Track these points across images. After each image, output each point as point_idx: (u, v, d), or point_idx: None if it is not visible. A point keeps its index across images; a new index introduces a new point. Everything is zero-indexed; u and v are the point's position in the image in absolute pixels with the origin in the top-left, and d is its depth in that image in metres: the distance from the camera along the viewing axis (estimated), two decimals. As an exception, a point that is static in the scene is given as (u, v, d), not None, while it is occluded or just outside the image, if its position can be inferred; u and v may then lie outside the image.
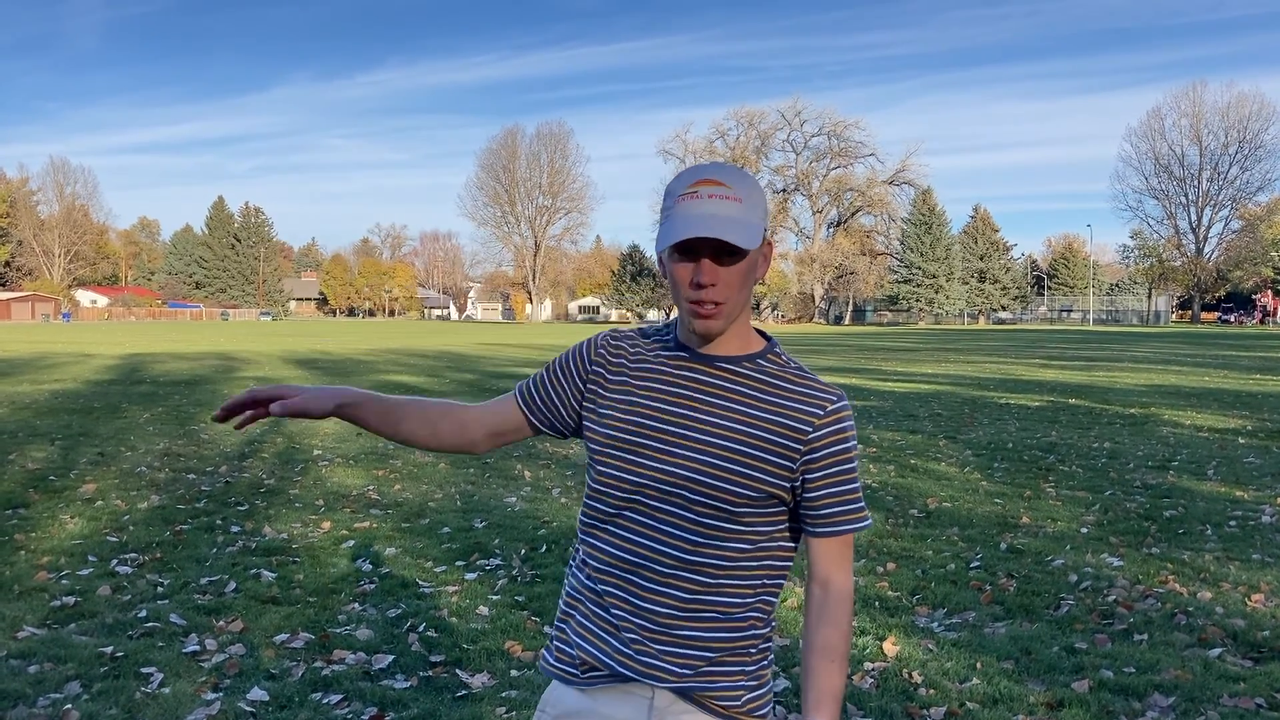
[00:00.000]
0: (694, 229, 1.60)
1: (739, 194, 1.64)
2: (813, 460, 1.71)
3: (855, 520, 1.75)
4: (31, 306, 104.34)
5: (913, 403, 15.92)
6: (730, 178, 1.66)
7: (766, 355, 1.77)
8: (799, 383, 1.74)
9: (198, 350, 34.56)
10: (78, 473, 9.16)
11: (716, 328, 1.69)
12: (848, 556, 1.76)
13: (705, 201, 1.63)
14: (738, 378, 1.74)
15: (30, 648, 4.59)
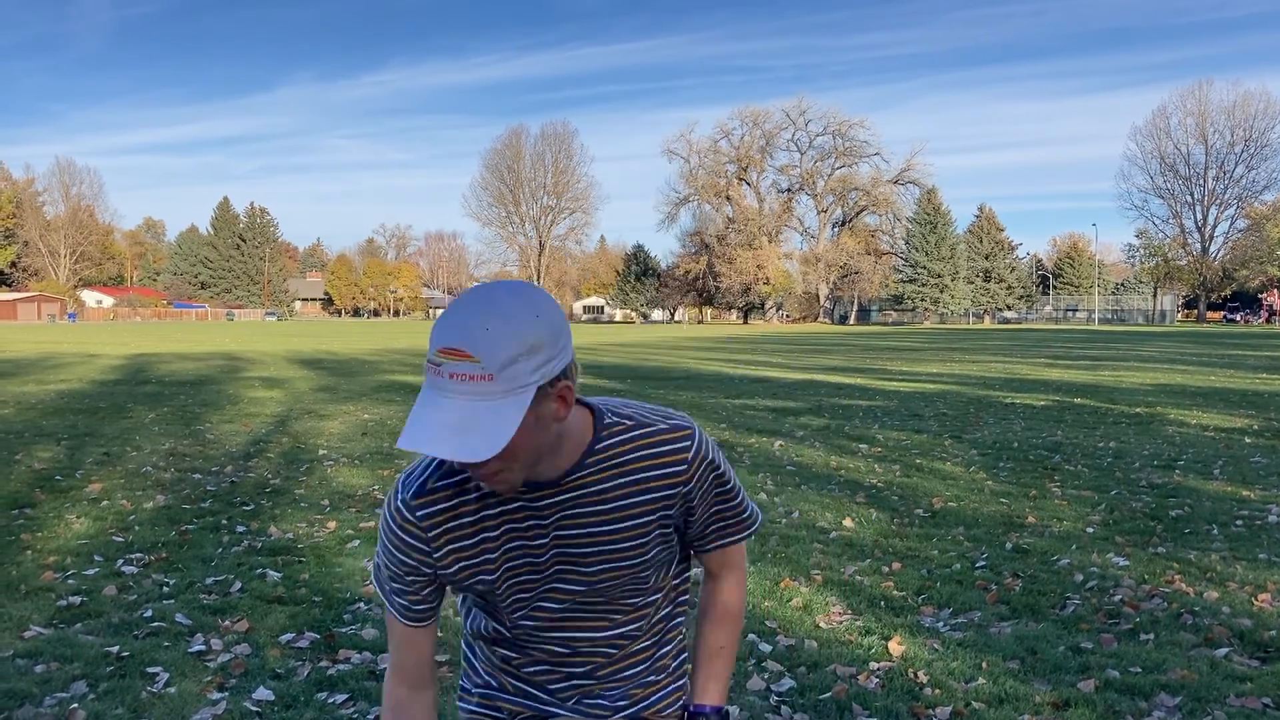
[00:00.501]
0: (422, 439, 1.39)
1: (486, 365, 1.36)
2: (691, 506, 1.69)
3: (745, 528, 1.79)
4: (37, 307, 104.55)
5: (918, 402, 15.91)
6: (478, 340, 1.37)
7: (601, 442, 1.62)
8: (649, 446, 1.62)
9: (203, 350, 34.62)
10: (83, 473, 9.18)
11: (515, 486, 1.53)
12: (735, 563, 1.81)
13: (445, 384, 1.39)
14: (591, 479, 1.61)
15: (37, 647, 4.59)
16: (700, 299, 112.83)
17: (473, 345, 1.37)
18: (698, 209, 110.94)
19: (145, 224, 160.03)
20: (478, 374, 1.36)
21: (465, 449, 1.36)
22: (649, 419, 1.65)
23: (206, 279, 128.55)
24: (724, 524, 1.75)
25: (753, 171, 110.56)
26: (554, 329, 1.44)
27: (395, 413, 14.44)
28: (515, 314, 1.39)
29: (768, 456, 10.28)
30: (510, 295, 1.43)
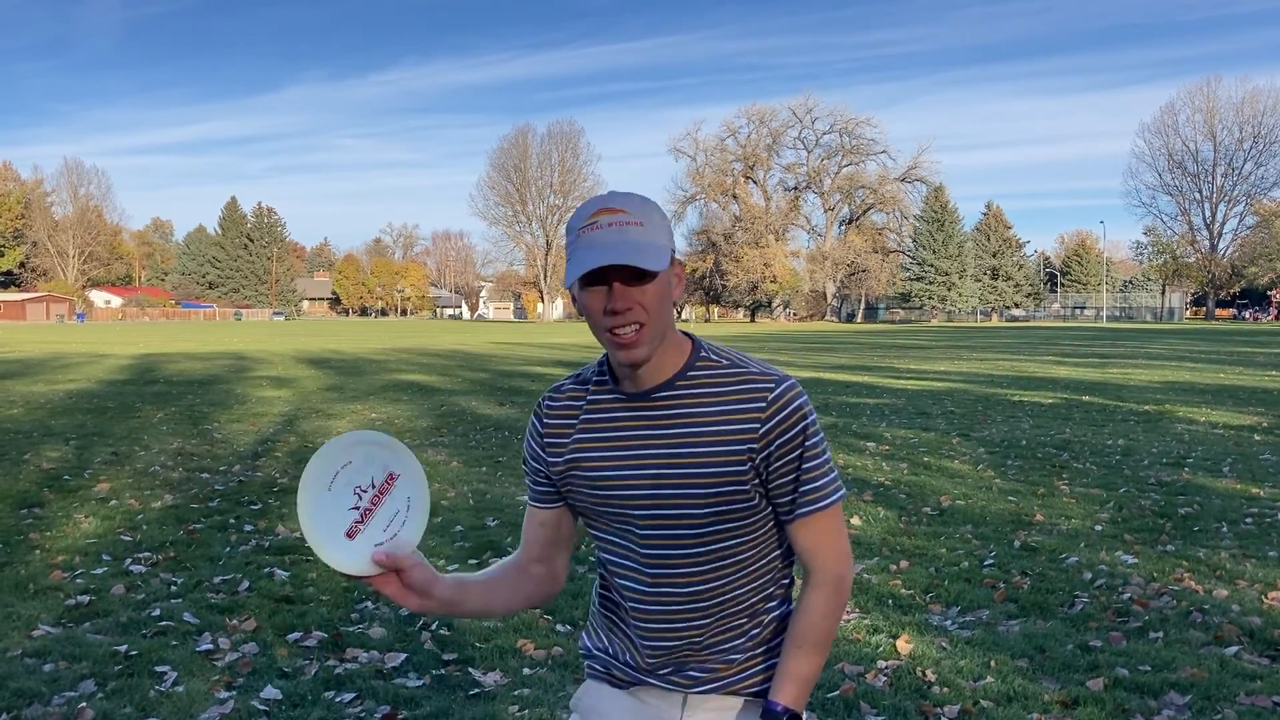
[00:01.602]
0: (599, 258, 1.59)
1: (639, 218, 1.63)
2: (769, 454, 1.70)
3: (820, 499, 1.73)
4: (46, 307, 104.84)
5: (926, 400, 15.88)
6: (629, 204, 1.65)
7: (696, 364, 1.74)
8: (735, 383, 1.71)
9: (211, 350, 34.70)
10: (92, 472, 9.20)
11: (641, 355, 1.66)
12: (824, 544, 1.75)
13: (607, 231, 1.62)
14: (675, 403, 1.72)
15: (45, 646, 4.61)
16: (707, 297, 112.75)
17: (626, 204, 1.65)
18: (704, 207, 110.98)
19: (153, 224, 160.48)
20: (632, 221, 1.62)
21: (639, 256, 1.59)
22: (744, 361, 1.74)
23: (214, 279, 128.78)
24: (803, 489, 1.72)
25: (759, 170, 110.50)
26: (660, 214, 1.68)
27: (403, 412, 14.46)
28: (623, 195, 1.67)
29: (775, 455, 10.25)
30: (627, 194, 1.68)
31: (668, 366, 1.72)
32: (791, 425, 1.70)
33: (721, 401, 1.70)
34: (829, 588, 1.74)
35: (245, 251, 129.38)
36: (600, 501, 1.77)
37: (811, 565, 1.76)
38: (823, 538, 1.74)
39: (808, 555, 1.76)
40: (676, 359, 1.73)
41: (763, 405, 1.69)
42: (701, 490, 1.69)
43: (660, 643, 1.78)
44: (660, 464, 1.71)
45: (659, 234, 1.64)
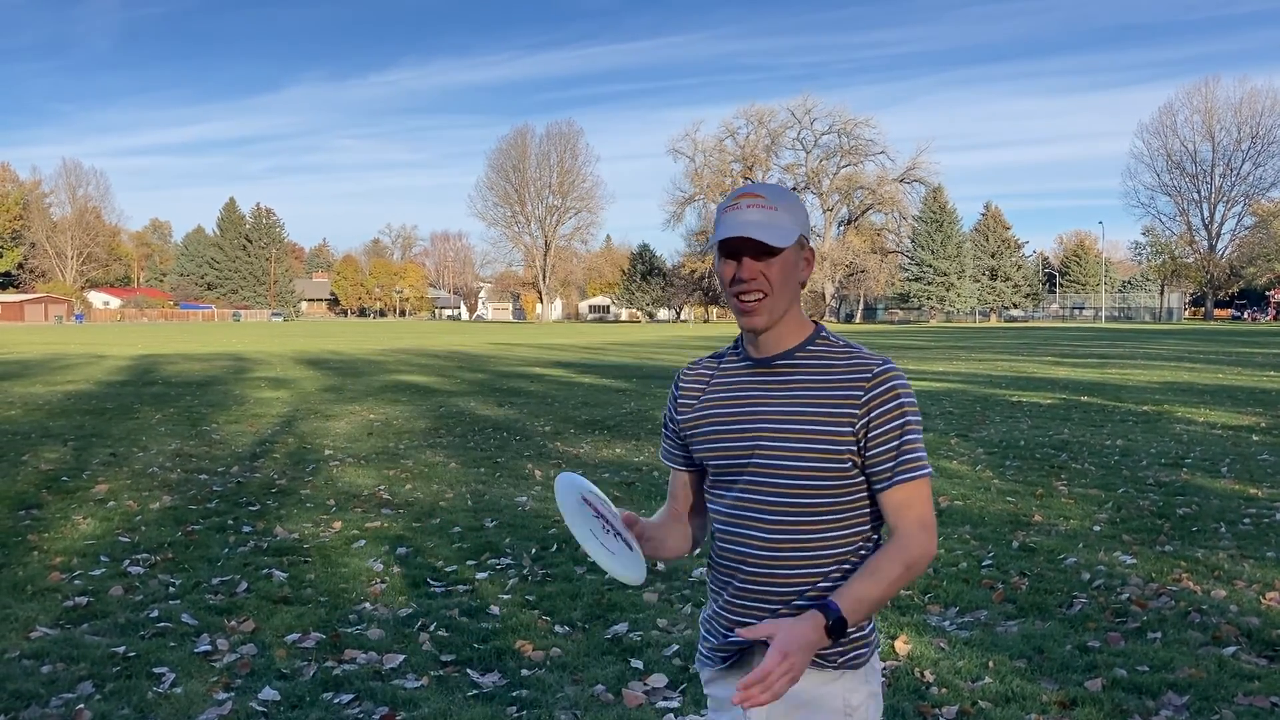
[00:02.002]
0: (729, 232, 1.88)
1: (773, 203, 1.91)
2: (869, 423, 1.90)
3: (911, 470, 1.90)
4: (44, 308, 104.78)
5: (924, 401, 15.88)
6: (767, 191, 1.94)
7: (815, 341, 1.98)
8: (845, 359, 1.94)
9: (209, 351, 34.69)
10: (90, 473, 9.19)
11: (760, 322, 1.92)
12: (911, 510, 1.90)
13: (743, 211, 1.90)
14: (792, 370, 1.96)
15: (43, 648, 4.60)
16: (706, 298, 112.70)
17: (763, 191, 1.94)
18: (703, 208, 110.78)
19: (152, 225, 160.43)
20: (767, 205, 1.91)
21: (763, 233, 1.87)
22: (857, 345, 1.98)
23: (213, 280, 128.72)
24: (896, 461, 1.90)
25: (758, 170, 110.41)
26: (794, 197, 1.96)
27: (401, 413, 14.45)
28: (760, 184, 1.98)
29: (774, 455, 10.26)
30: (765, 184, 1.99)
31: (788, 339, 1.97)
32: (889, 399, 1.90)
33: (832, 372, 1.93)
34: (906, 542, 1.89)
35: (244, 252, 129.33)
36: (719, 454, 2.01)
37: (897, 529, 1.91)
38: (909, 507, 1.91)
39: (895, 520, 1.92)
40: (798, 334, 1.98)
41: (867, 375, 1.91)
42: (806, 448, 1.91)
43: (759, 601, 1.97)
44: (774, 421, 1.93)
45: (788, 218, 1.90)
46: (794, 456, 1.91)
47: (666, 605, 5.27)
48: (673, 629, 4.88)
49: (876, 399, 1.90)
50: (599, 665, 4.43)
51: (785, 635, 1.78)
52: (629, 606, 5.23)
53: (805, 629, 1.79)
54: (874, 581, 1.86)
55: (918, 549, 1.89)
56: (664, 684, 4.20)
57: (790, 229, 1.89)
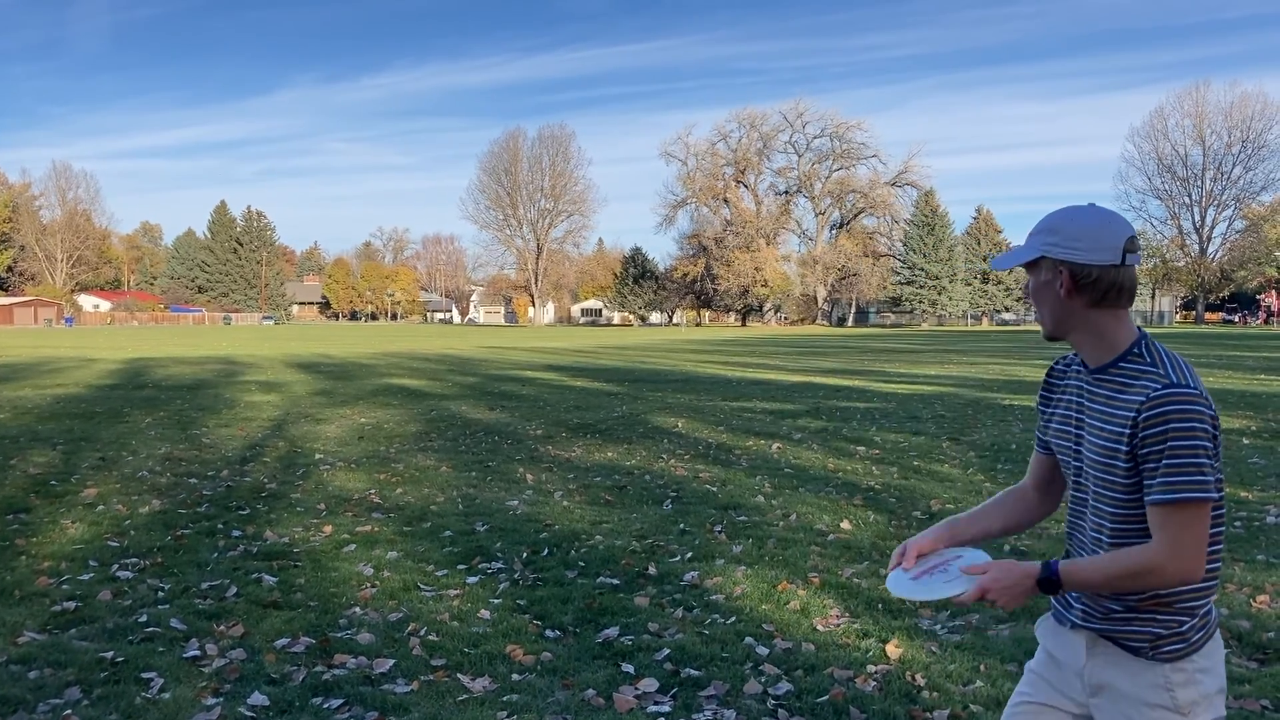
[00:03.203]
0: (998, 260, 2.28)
1: (1031, 234, 2.16)
2: (1137, 441, 2.00)
3: (1166, 491, 1.97)
4: (34, 311, 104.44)
5: (916, 404, 15.90)
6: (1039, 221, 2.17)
7: (1127, 359, 2.09)
8: (1140, 377, 2.04)
9: (200, 354, 34.59)
10: (79, 477, 9.15)
11: (1045, 335, 2.20)
12: (1163, 526, 1.98)
13: None
14: (1104, 383, 2.12)
15: (30, 653, 4.57)
16: (698, 301, 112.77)
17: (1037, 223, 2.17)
18: (695, 211, 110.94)
19: (142, 228, 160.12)
20: (1030, 235, 2.17)
21: (1001, 260, 2.23)
22: (1164, 363, 2.05)
23: (203, 283, 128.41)
24: (1150, 480, 1.99)
25: (750, 174, 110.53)
26: (1074, 230, 2.07)
27: (393, 416, 14.42)
28: (1059, 211, 2.13)
29: (765, 459, 10.27)
30: (1070, 207, 2.14)
31: (1105, 354, 2.12)
32: (1155, 423, 1.97)
33: (1129, 390, 2.05)
34: (1146, 550, 2.00)
35: (235, 255, 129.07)
36: (1061, 452, 2.25)
37: (1153, 538, 2.02)
38: (1160, 527, 1.99)
39: (1152, 530, 2.02)
40: (1111, 349, 2.11)
41: (1142, 399, 2.00)
42: (1106, 460, 2.07)
43: None
44: (1089, 429, 2.13)
45: (1033, 240, 2.13)
46: (1091, 465, 2.17)
47: (657, 609, 5.26)
48: (664, 633, 4.87)
49: (1144, 424, 2.01)
50: (590, 669, 4.41)
51: (997, 569, 2.10)
52: (620, 611, 5.22)
53: (1018, 571, 2.08)
54: (1100, 567, 2.05)
55: (1150, 562, 2.00)
56: (655, 688, 4.18)
57: (1026, 249, 2.15)
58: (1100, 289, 2.06)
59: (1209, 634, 2.08)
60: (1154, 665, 2.06)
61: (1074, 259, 2.06)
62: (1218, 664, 2.10)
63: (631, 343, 49.12)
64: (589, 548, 6.55)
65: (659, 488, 8.69)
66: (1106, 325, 2.10)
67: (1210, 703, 2.06)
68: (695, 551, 6.44)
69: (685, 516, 7.51)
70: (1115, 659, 2.11)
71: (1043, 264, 2.11)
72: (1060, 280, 2.09)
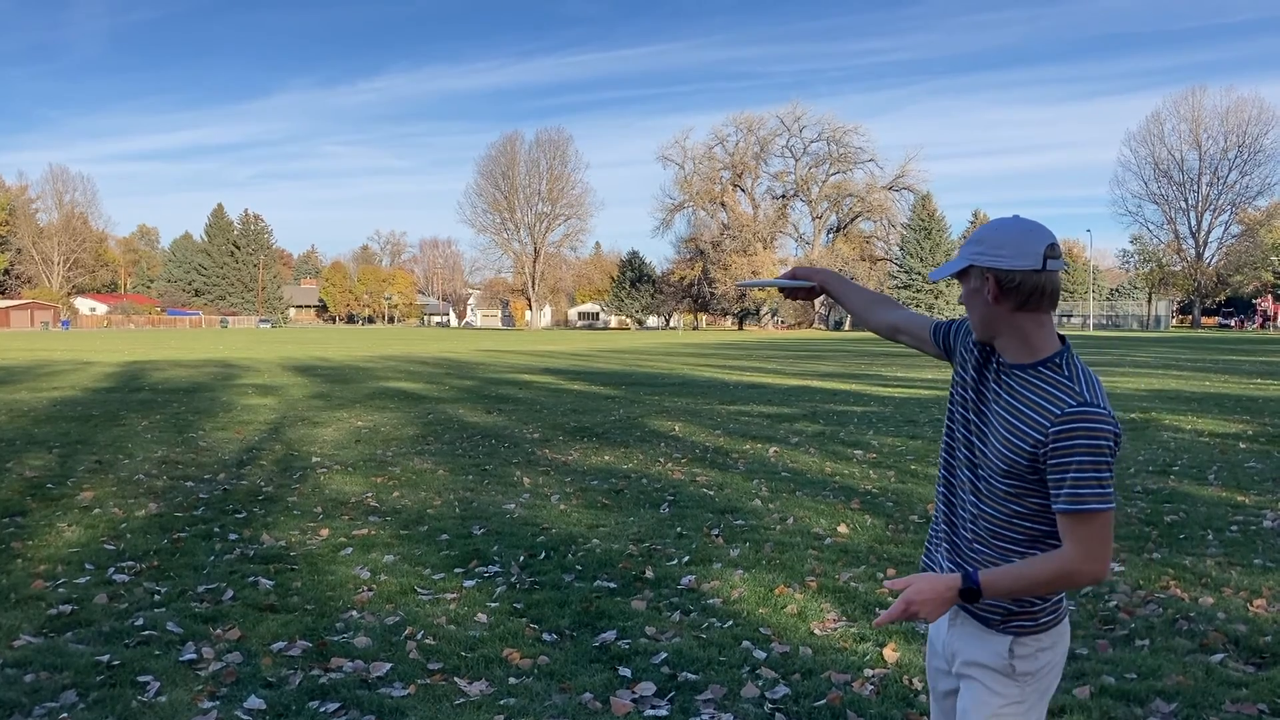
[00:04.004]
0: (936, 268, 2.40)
1: (964, 245, 2.27)
2: (1047, 451, 2.10)
3: (1063, 501, 2.09)
4: (30, 314, 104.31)
5: (913, 408, 15.90)
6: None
7: (1045, 367, 2.18)
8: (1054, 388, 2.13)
9: (197, 358, 34.56)
10: (75, 480, 9.14)
11: (978, 337, 2.29)
12: (1074, 534, 2.10)
13: None
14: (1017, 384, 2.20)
15: (26, 656, 4.56)
16: (695, 305, 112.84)
17: None
18: (692, 215, 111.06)
19: (139, 231, 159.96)
20: (961, 247, 2.30)
21: (936, 271, 2.39)
22: (1079, 382, 2.13)
23: (200, 286, 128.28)
24: (1057, 490, 2.10)
25: (747, 178, 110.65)
26: (998, 239, 2.20)
27: (389, 419, 14.41)
28: (986, 224, 2.28)
29: (762, 462, 10.27)
30: (996, 220, 2.30)
31: (1025, 357, 2.20)
32: (1064, 439, 2.07)
33: (1040, 399, 2.13)
34: (1061, 557, 2.11)
35: (232, 259, 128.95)
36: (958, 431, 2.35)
37: (1063, 544, 2.13)
38: (1070, 535, 2.11)
39: (1061, 538, 2.13)
40: (1031, 354, 2.19)
41: (1056, 413, 2.09)
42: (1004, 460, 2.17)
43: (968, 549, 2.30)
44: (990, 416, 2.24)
45: (965, 250, 2.25)
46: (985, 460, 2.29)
47: (655, 613, 5.25)
48: (661, 636, 4.87)
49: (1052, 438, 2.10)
50: (587, 673, 4.41)
51: (919, 583, 2.18)
52: (617, 614, 5.21)
53: (940, 584, 2.17)
54: (1018, 573, 2.14)
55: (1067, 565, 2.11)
56: (652, 692, 4.18)
57: (957, 261, 2.26)
58: (1024, 293, 2.17)
59: (1058, 619, 2.28)
60: (1000, 636, 2.25)
61: (998, 265, 2.18)
62: (1060, 644, 2.29)
63: (628, 346, 49.12)
64: (586, 551, 6.55)
65: (656, 491, 8.68)
66: (1030, 329, 2.20)
67: (1042, 676, 2.26)
68: (692, 555, 6.43)
69: (682, 520, 7.51)
70: (970, 629, 2.30)
71: (971, 272, 2.22)
72: (987, 286, 2.20)
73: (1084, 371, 2.16)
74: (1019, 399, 2.18)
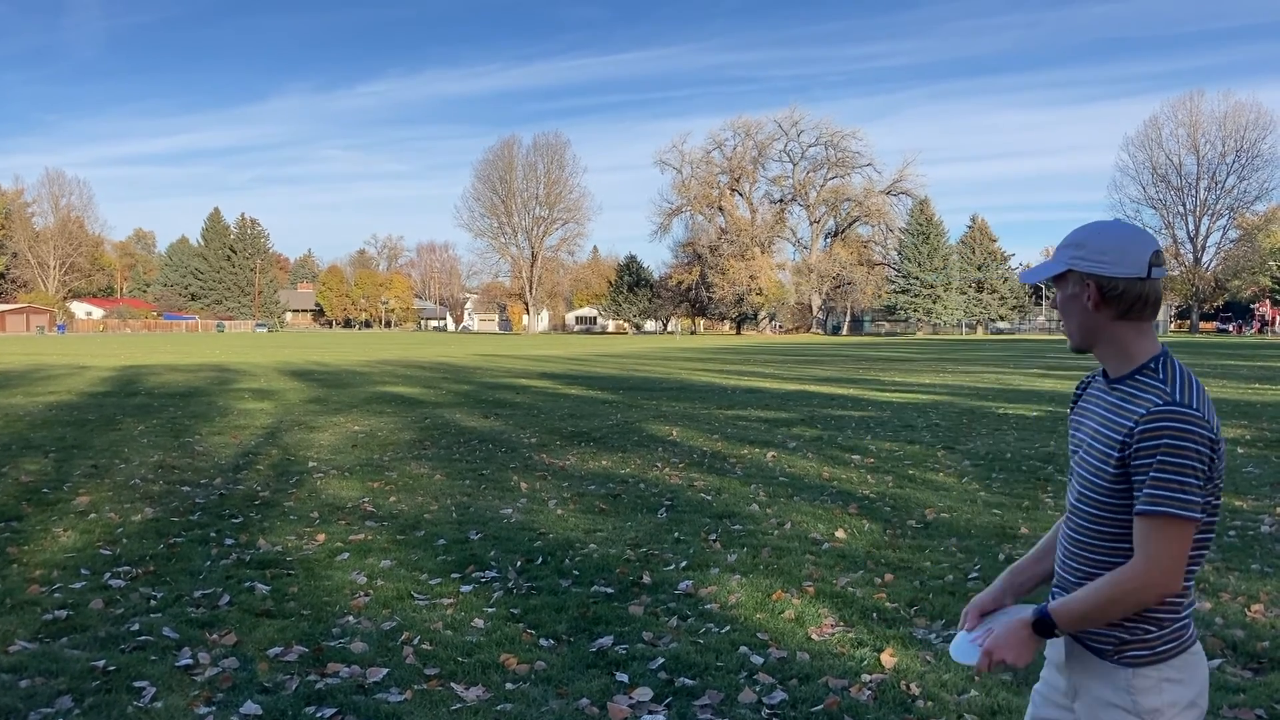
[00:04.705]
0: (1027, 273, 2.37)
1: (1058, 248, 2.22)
2: (1131, 452, 2.03)
3: (1145, 503, 2.00)
4: (26, 318, 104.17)
5: (910, 413, 15.91)
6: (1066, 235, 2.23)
7: (1139, 375, 2.13)
8: (1144, 392, 2.08)
9: (193, 362, 34.53)
10: (71, 485, 9.12)
11: (1072, 347, 2.27)
12: (1145, 541, 2.02)
13: None
14: (1116, 396, 2.15)
15: (22, 662, 4.55)
16: (693, 309, 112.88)
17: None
18: (690, 219, 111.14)
19: (135, 235, 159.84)
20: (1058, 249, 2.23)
21: (1029, 273, 2.35)
22: (1173, 384, 2.07)
23: (197, 290, 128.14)
24: (1138, 492, 2.01)
25: (745, 182, 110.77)
26: (1101, 244, 2.13)
27: (386, 424, 14.40)
28: (1086, 226, 2.19)
29: (760, 467, 10.26)
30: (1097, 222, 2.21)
31: (1123, 367, 2.15)
32: (1146, 440, 2.00)
33: (1131, 405, 2.08)
34: (1127, 570, 2.03)
35: (228, 263, 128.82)
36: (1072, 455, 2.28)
37: (1137, 548, 2.04)
38: (1141, 541, 2.02)
39: (1137, 543, 2.04)
40: (1127, 364, 2.15)
41: (1140, 412, 2.04)
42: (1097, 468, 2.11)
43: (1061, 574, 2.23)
44: (1090, 436, 2.17)
45: (1059, 254, 2.19)
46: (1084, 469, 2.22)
47: (652, 618, 5.24)
48: (658, 642, 4.86)
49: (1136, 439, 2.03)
50: (584, 679, 4.40)
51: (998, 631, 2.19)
52: (614, 619, 5.20)
53: (1015, 625, 2.16)
54: (1090, 597, 2.07)
55: (1136, 580, 2.03)
56: (649, 697, 4.17)
57: (1053, 263, 2.20)
58: (1126, 301, 2.11)
59: (1182, 647, 2.10)
60: (1118, 669, 2.10)
61: (1101, 272, 2.11)
62: (1192, 678, 2.10)
63: (626, 351, 49.13)
64: (583, 556, 6.54)
65: (653, 496, 8.67)
66: (1129, 338, 2.15)
67: (1177, 714, 2.07)
68: (690, 560, 6.43)
69: (680, 525, 7.50)
70: (1086, 661, 2.17)
71: (1070, 277, 2.16)
72: (1088, 293, 2.14)
73: (1182, 375, 2.09)
74: (1111, 408, 2.13)
